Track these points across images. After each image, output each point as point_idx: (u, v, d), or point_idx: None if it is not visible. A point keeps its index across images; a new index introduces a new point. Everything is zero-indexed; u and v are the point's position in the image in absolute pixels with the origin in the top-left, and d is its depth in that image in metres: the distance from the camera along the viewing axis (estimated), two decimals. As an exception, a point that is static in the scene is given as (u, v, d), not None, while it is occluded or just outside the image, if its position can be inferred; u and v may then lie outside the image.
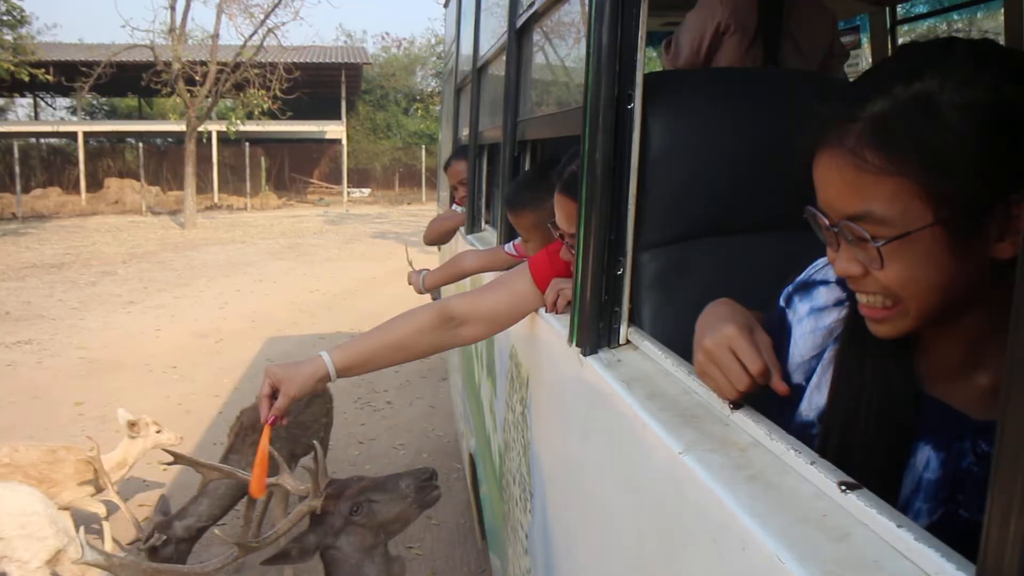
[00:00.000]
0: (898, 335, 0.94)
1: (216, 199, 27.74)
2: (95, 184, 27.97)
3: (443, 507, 4.99)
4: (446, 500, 5.15)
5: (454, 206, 3.97)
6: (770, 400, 1.00)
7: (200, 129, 20.94)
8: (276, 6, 21.32)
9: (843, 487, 0.74)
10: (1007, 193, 0.82)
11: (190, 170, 20.57)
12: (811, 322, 1.09)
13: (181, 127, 22.15)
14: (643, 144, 1.32)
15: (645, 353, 1.27)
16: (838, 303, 1.08)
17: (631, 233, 1.32)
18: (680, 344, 1.27)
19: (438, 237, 4.00)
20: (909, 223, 0.85)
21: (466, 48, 4.07)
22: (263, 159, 29.18)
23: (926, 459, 0.96)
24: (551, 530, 1.63)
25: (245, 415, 4.10)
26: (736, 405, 0.96)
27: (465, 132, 4.19)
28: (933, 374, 0.98)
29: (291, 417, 4.22)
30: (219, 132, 25.26)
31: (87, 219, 23.29)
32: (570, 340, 1.43)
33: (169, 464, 3.49)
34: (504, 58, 2.69)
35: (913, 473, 0.96)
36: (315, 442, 2.71)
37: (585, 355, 1.34)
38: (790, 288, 1.15)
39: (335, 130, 30.30)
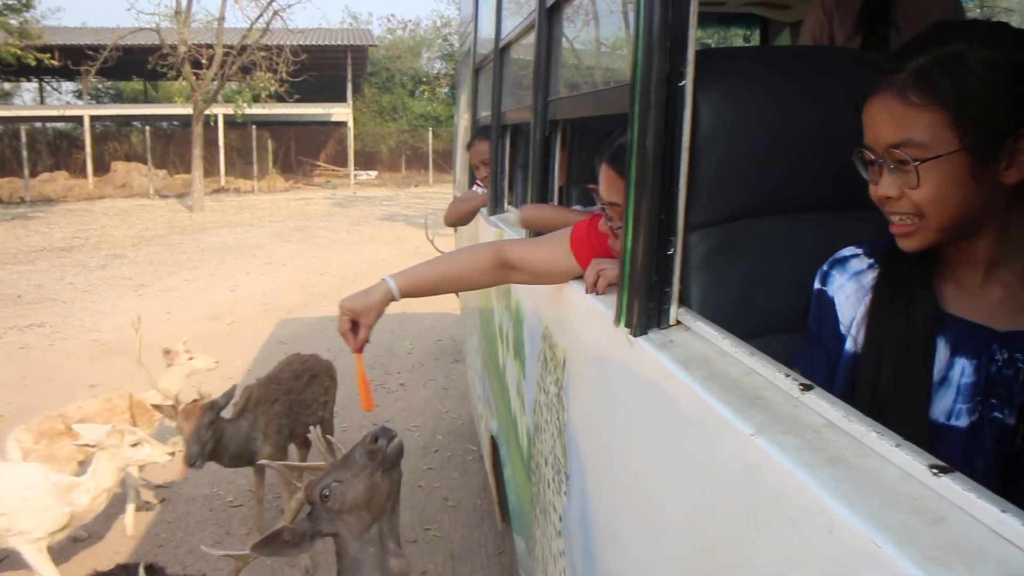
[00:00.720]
0: (922, 248, 1.17)
1: (223, 182, 27.74)
2: (102, 168, 27.99)
3: (460, 489, 5.01)
4: (463, 482, 5.17)
5: (475, 187, 3.93)
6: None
7: (207, 112, 20.89)
8: (283, -12, 21.24)
9: (935, 470, 0.73)
10: (1017, 128, 1.07)
11: (197, 153, 20.54)
12: (852, 285, 1.27)
13: (187, 110, 22.11)
14: (693, 122, 1.30)
15: (698, 334, 1.25)
16: (871, 266, 1.27)
17: (682, 213, 1.30)
18: (730, 325, 1.26)
19: (459, 218, 3.97)
20: (940, 148, 1.09)
21: (486, 29, 4.04)
22: (270, 142, 29.14)
23: (961, 369, 1.16)
24: (591, 512, 1.62)
25: (253, 390, 4.19)
26: (806, 386, 0.95)
27: (484, 113, 4.16)
28: (957, 297, 1.19)
29: (291, 396, 4.25)
30: (225, 115, 25.23)
31: (95, 203, 23.32)
32: (617, 321, 1.42)
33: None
34: (531, 38, 2.66)
35: (950, 384, 1.16)
36: (312, 428, 2.75)
37: (635, 336, 1.32)
38: (824, 267, 1.31)
39: (341, 113, 30.22)
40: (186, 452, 3.62)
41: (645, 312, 1.31)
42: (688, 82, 1.26)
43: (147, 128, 27.38)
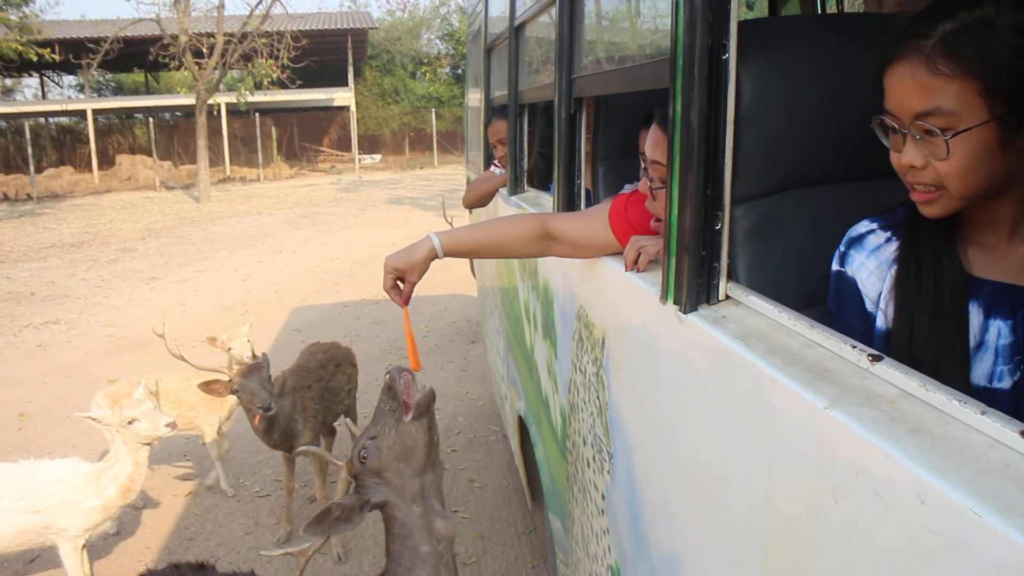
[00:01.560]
0: (945, 214, 1.16)
1: (228, 171, 27.74)
2: (106, 161, 28.01)
3: (485, 470, 5.03)
4: (487, 463, 5.18)
5: (492, 167, 3.92)
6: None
7: (209, 102, 20.84)
8: (281, -26, 21.12)
9: (1026, 436, 0.72)
10: None
11: (202, 143, 20.53)
12: (873, 261, 1.26)
13: (189, 101, 22.06)
14: (736, 95, 1.29)
15: (751, 308, 1.25)
16: (888, 239, 1.26)
17: (728, 186, 1.29)
18: (777, 298, 1.25)
19: (478, 200, 3.95)
20: (971, 118, 1.07)
21: (498, 7, 4.00)
22: (273, 129, 29.09)
23: (997, 331, 1.15)
24: (639, 491, 1.62)
25: (286, 377, 4.22)
26: (875, 357, 0.94)
27: (499, 93, 4.14)
28: (984, 259, 1.18)
29: (322, 384, 4.28)
30: (228, 104, 25.16)
31: (101, 197, 23.35)
32: (663, 298, 1.41)
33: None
34: (550, 15, 2.64)
35: (988, 347, 1.15)
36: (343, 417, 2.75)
37: (684, 312, 1.31)
38: (841, 248, 1.31)
39: (343, 97, 30.13)
40: (259, 399, 3.66)
41: (694, 288, 1.31)
42: (732, 55, 1.25)
43: (150, 120, 27.31)
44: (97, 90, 34.65)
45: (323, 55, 28.47)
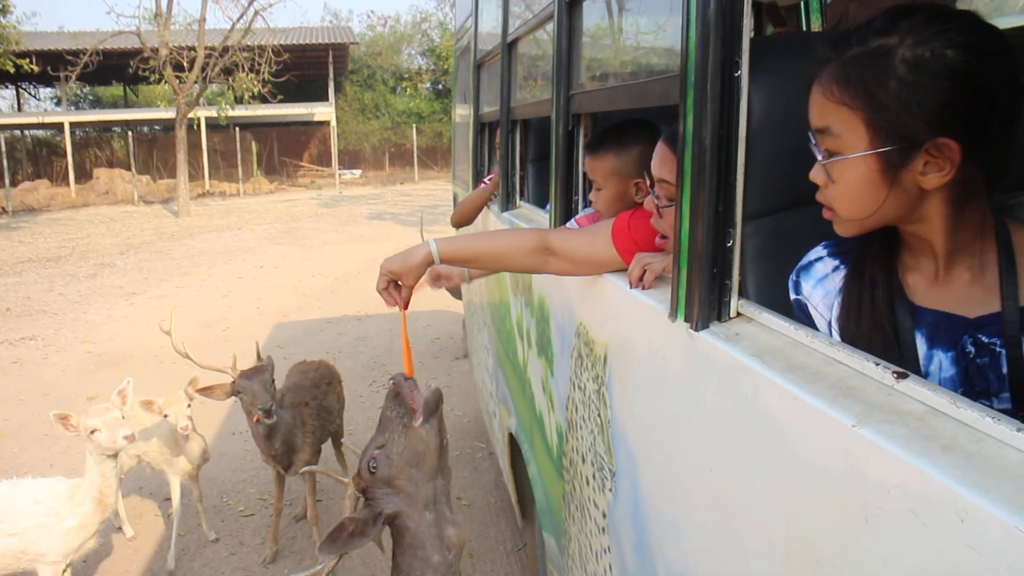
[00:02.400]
0: (851, 235, 1.19)
1: (208, 186, 27.59)
2: (84, 175, 27.80)
3: (472, 488, 4.99)
4: (474, 480, 5.15)
5: (482, 184, 3.91)
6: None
7: (190, 116, 20.74)
8: (264, -12, 21.10)
9: (1064, 454, 0.72)
10: (935, 136, 1.03)
11: (182, 157, 20.40)
12: (820, 291, 1.27)
13: (167, 115, 21.96)
14: (748, 112, 1.29)
15: (765, 325, 1.25)
16: (836, 268, 1.26)
17: (740, 203, 1.29)
18: (789, 316, 1.25)
19: (464, 216, 3.94)
20: (853, 146, 1.09)
21: (489, 23, 4.01)
22: (253, 144, 28.99)
23: (939, 362, 1.13)
24: (645, 509, 1.61)
25: (283, 393, 4.17)
26: (901, 374, 0.94)
27: (488, 109, 4.14)
28: (926, 288, 1.17)
29: (317, 402, 4.25)
30: (208, 118, 25.05)
31: (78, 211, 23.14)
32: (673, 315, 1.40)
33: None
34: (547, 31, 2.64)
35: (932, 379, 1.13)
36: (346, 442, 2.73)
37: (696, 330, 1.31)
38: (792, 276, 1.33)
39: (324, 112, 30.10)
40: (260, 400, 3.61)
41: (706, 305, 1.31)
42: (744, 72, 1.25)
43: (129, 133, 27.13)
44: (75, 103, 34.41)
45: (304, 70, 28.45)
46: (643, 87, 1.71)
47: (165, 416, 3.96)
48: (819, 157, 1.16)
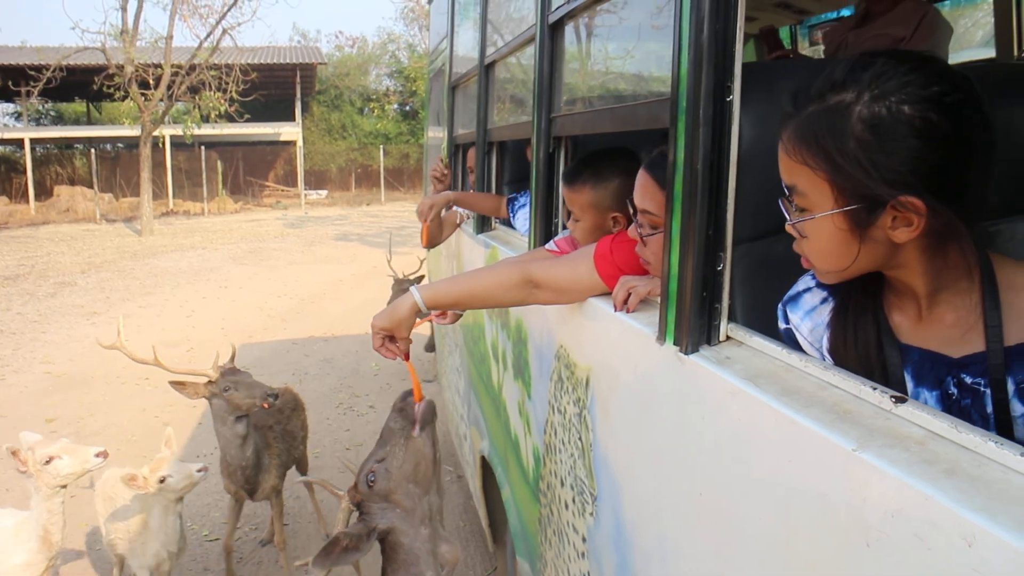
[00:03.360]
0: (832, 282, 1.19)
1: (171, 205, 27.30)
2: (44, 192, 27.39)
3: (440, 510, 4.94)
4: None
5: (455, 208, 3.89)
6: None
7: (155, 134, 20.54)
8: (232, 6, 21.00)
9: (1069, 479, 0.73)
10: (898, 194, 1.01)
11: (146, 176, 20.16)
12: (808, 324, 1.28)
13: (131, 132, 21.72)
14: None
15: (755, 349, 1.25)
16: (824, 300, 1.26)
17: (730, 227, 1.30)
18: (777, 340, 1.26)
19: (433, 235, 3.91)
20: (819, 205, 1.09)
21: (465, 45, 4.02)
22: (218, 163, 28.75)
23: (924, 402, 1.11)
24: (629, 533, 1.60)
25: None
26: (899, 399, 0.95)
27: (463, 131, 4.14)
28: (912, 326, 1.16)
29: (280, 426, 4.17)
30: (173, 136, 24.83)
31: (38, 228, 22.74)
32: (661, 338, 1.40)
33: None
34: (526, 54, 2.65)
35: None
36: (344, 459, 2.69)
37: (686, 353, 1.31)
38: (780, 306, 1.34)
39: (290, 132, 29.99)
40: (259, 389, 3.57)
41: (696, 329, 1.31)
42: (735, 97, 1.26)
43: (92, 150, 26.76)
44: (36, 119, 33.90)
45: (271, 89, 28.33)
46: (630, 110, 1.71)
47: (163, 480, 3.16)
48: (787, 215, 1.16)
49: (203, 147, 26.72)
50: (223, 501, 5.04)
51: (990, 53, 4.37)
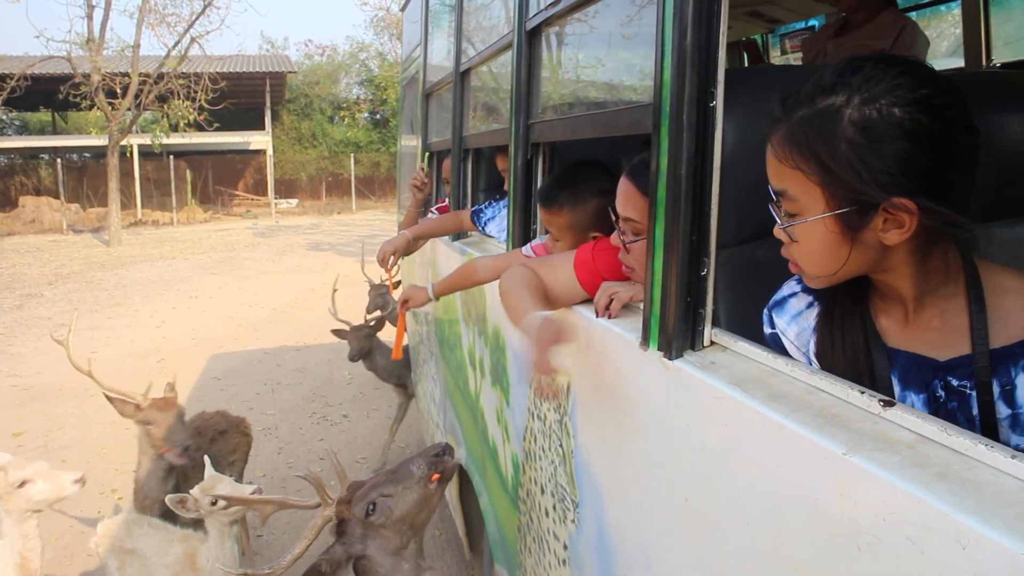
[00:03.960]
0: (821, 287, 1.18)
1: (140, 215, 26.96)
2: (8, 203, 26.96)
3: (416, 520, 4.91)
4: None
5: (430, 212, 3.88)
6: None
7: (123, 143, 20.31)
8: (200, 15, 20.83)
9: (1062, 480, 0.73)
10: (890, 196, 1.01)
11: (113, 186, 19.92)
12: (795, 328, 1.28)
13: (98, 142, 21.46)
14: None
15: (740, 354, 1.25)
16: (810, 305, 1.26)
17: (714, 233, 1.30)
18: (762, 346, 1.26)
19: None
20: (810, 209, 1.08)
21: (439, 52, 4.02)
22: (188, 172, 28.48)
23: (912, 405, 1.11)
24: (613, 540, 1.60)
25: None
26: (887, 402, 0.95)
27: (437, 138, 4.13)
28: (898, 330, 1.16)
29: (203, 451, 3.87)
30: (141, 146, 24.56)
31: (2, 240, 22.36)
32: (644, 344, 1.40)
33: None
34: (503, 61, 2.65)
35: None
36: (330, 449, 2.68)
37: (671, 359, 1.31)
38: (766, 311, 1.33)
39: (260, 140, 29.77)
40: (180, 440, 3.38)
41: (680, 334, 1.30)
42: (719, 102, 1.26)
43: (58, 160, 26.39)
44: (-1, 129, 33.44)
45: (241, 98, 28.12)
46: (611, 116, 1.71)
47: (215, 503, 2.82)
48: (778, 220, 1.15)
49: (172, 156, 26.45)
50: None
51: (957, 63, 4.44)
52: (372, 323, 6.12)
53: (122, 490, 5.29)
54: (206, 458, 3.10)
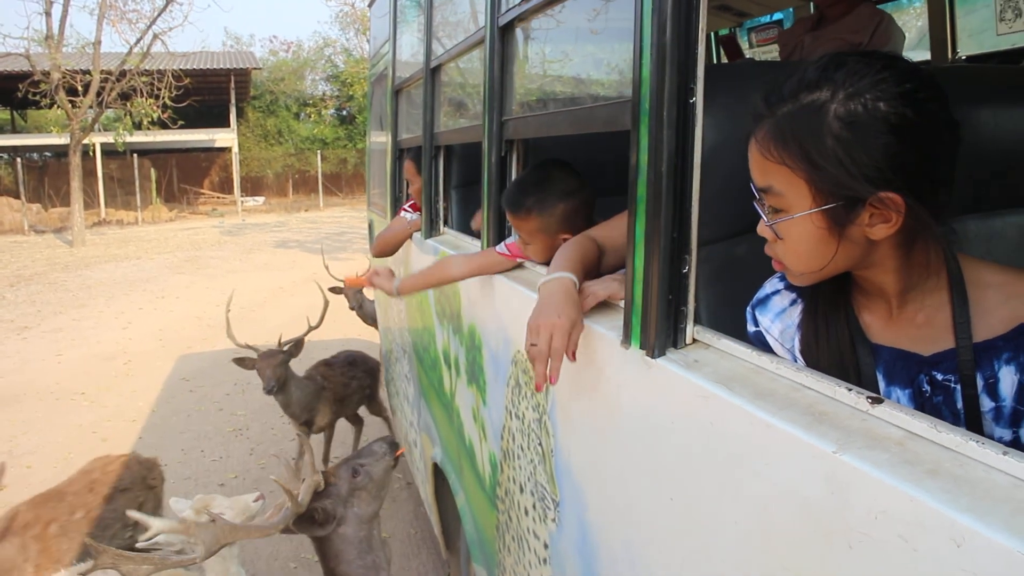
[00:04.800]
0: (805, 284, 1.18)
1: (103, 214, 26.56)
2: (-34, 204, 26.39)
3: (391, 519, 4.89)
4: (393, 512, 5.04)
5: (402, 212, 3.84)
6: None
7: (85, 142, 19.98)
8: (163, 11, 20.55)
9: (1053, 476, 0.73)
10: (877, 191, 1.01)
11: (76, 185, 19.60)
12: (779, 326, 1.28)
13: (59, 140, 21.10)
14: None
15: (723, 351, 1.24)
16: (793, 302, 1.27)
17: (695, 230, 1.29)
18: (744, 343, 1.25)
19: (390, 249, 3.86)
20: (797, 205, 1.08)
21: (408, 48, 3.98)
22: (152, 170, 28.09)
23: (896, 399, 1.12)
24: (595, 539, 1.59)
25: (19, 510, 3.21)
26: (875, 399, 0.95)
27: (407, 135, 4.10)
28: (882, 326, 1.17)
29: (76, 516, 3.41)
30: (103, 144, 24.19)
31: (-39, 241, 21.96)
32: (626, 342, 1.39)
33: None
34: (475, 57, 2.63)
35: None
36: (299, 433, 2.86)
37: (653, 357, 1.30)
38: (748, 309, 1.34)
39: (225, 138, 29.44)
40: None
41: (662, 332, 1.30)
42: (698, 98, 1.25)
43: (18, 160, 25.90)
44: (-45, 128, 32.77)
45: (205, 95, 27.79)
46: (588, 112, 1.70)
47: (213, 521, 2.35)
48: (764, 216, 1.14)
49: (136, 155, 26.08)
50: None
51: (921, 55, 4.48)
52: (287, 347, 5.28)
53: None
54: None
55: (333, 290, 6.09)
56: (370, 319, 7.24)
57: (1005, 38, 3.91)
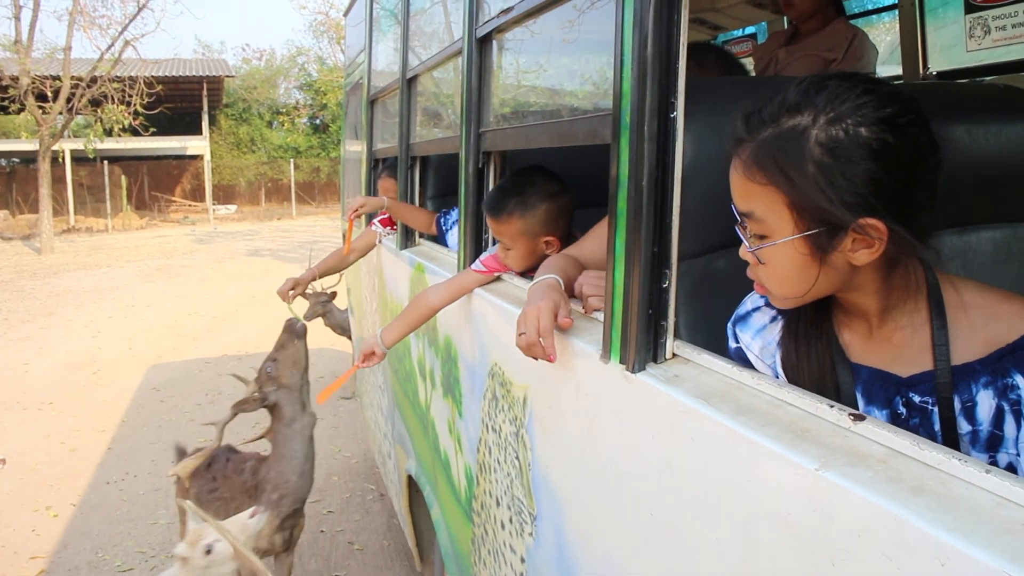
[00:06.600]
0: (788, 307, 1.18)
1: (73, 221, 26.26)
2: (-69, 210, 25.99)
3: (364, 531, 4.85)
4: (366, 523, 5.01)
5: (372, 225, 3.81)
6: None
7: (54, 148, 19.74)
8: (134, 17, 20.37)
9: (1037, 496, 0.73)
10: (859, 217, 1.00)
11: (45, 191, 19.34)
12: (759, 343, 1.27)
13: (28, 146, 20.83)
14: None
15: (703, 367, 1.24)
16: (773, 319, 1.26)
17: (675, 244, 1.29)
18: (724, 358, 1.25)
19: (356, 257, 3.82)
20: (779, 231, 1.07)
21: (384, 58, 3.97)
22: (123, 178, 27.81)
23: None
24: (573, 553, 1.58)
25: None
26: (857, 416, 0.94)
27: (382, 145, 4.08)
28: (861, 346, 1.16)
29: None
30: (73, 151, 23.91)
31: (-74, 247, 21.60)
32: (605, 357, 1.39)
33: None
34: (453, 67, 2.62)
35: None
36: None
37: (632, 372, 1.29)
38: (729, 325, 1.33)
39: (197, 145, 29.23)
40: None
41: (642, 347, 1.29)
42: (679, 113, 1.25)
43: (-15, 166, 25.57)
44: (-79, 133, 32.25)
45: (177, 102, 27.60)
46: (568, 125, 1.69)
47: (210, 551, 2.45)
48: (745, 241, 1.13)
49: (106, 161, 25.83)
50: (136, 530, 4.86)
51: (891, 70, 4.53)
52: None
53: (57, 507, 5.12)
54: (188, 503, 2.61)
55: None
56: (339, 328, 7.19)
57: (974, 55, 3.96)
